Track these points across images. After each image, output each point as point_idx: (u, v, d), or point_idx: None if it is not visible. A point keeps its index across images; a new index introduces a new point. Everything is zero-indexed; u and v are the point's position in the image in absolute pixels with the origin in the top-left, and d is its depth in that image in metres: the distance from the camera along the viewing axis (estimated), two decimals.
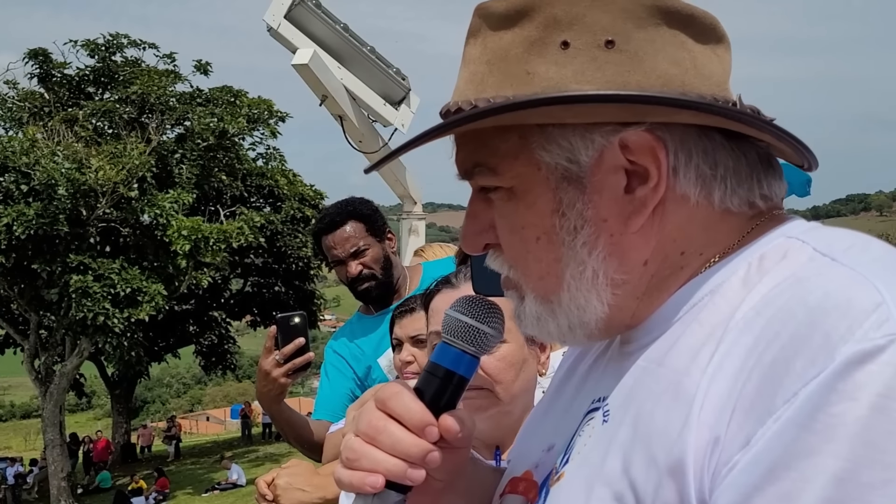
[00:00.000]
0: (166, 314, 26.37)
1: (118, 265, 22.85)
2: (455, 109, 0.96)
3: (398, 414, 0.97)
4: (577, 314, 0.97)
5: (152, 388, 79.83)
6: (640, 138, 0.92)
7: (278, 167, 31.16)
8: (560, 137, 0.94)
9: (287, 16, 7.86)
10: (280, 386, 2.80)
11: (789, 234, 0.93)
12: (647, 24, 0.92)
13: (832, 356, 0.75)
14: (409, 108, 8.51)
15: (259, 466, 26.76)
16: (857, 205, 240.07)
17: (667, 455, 0.84)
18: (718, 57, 0.97)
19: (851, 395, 0.73)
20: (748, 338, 0.83)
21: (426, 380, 1.02)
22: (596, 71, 0.91)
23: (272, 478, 2.24)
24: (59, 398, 25.70)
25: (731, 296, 0.90)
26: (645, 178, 0.93)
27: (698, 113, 0.91)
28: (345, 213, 3.37)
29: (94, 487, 30.05)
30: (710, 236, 0.96)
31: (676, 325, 0.94)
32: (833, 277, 0.82)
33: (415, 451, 0.96)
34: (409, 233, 9.12)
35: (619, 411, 0.95)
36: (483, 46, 0.97)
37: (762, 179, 0.98)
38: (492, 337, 1.04)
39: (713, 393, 0.82)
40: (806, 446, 0.74)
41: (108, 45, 27.31)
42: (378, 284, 3.37)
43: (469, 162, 1.00)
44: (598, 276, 0.95)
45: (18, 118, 25.99)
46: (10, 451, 41.05)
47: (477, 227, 1.03)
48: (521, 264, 0.99)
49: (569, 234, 0.95)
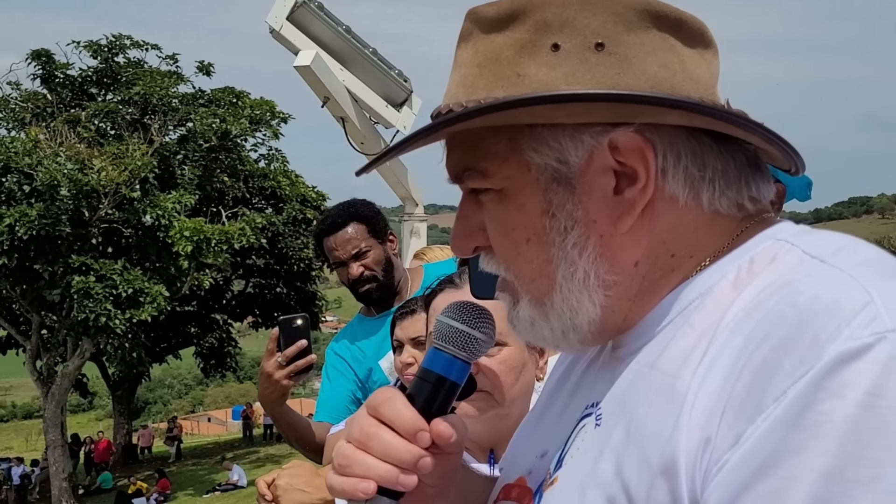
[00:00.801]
0: (168, 315, 26.37)
1: (120, 266, 22.86)
2: (446, 112, 0.96)
3: (390, 420, 0.98)
4: (570, 316, 0.97)
5: (154, 389, 79.85)
6: (629, 139, 0.93)
7: (280, 168, 31.17)
8: (550, 138, 0.94)
9: (289, 17, 7.88)
10: (282, 388, 2.81)
11: (779, 237, 0.94)
12: (636, 27, 0.94)
13: (820, 355, 0.75)
14: (410, 109, 8.52)
15: (260, 468, 26.72)
16: (860, 207, 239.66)
17: (659, 456, 0.84)
18: (706, 61, 0.98)
19: (839, 393, 0.74)
20: (738, 339, 0.83)
21: (418, 385, 1.02)
22: (586, 73, 0.92)
23: (273, 478, 2.25)
24: (60, 399, 25.70)
25: (722, 298, 0.90)
26: (633, 180, 0.94)
27: (687, 113, 0.92)
28: (346, 215, 3.37)
29: (95, 488, 30.03)
30: (700, 238, 0.97)
31: (667, 328, 0.94)
32: (822, 279, 0.82)
33: (406, 456, 0.96)
34: (410, 234, 9.12)
35: (611, 415, 0.95)
36: (474, 50, 0.98)
37: (750, 182, 0.98)
38: (483, 342, 1.04)
39: (704, 394, 0.83)
40: (794, 444, 0.74)
41: (110, 47, 27.33)
42: (379, 286, 3.38)
43: (459, 165, 1.01)
44: (590, 277, 0.95)
45: (21, 119, 26.01)
46: (12, 452, 41.05)
47: (467, 230, 1.03)
48: (513, 266, 1.00)
49: (559, 234, 0.95)
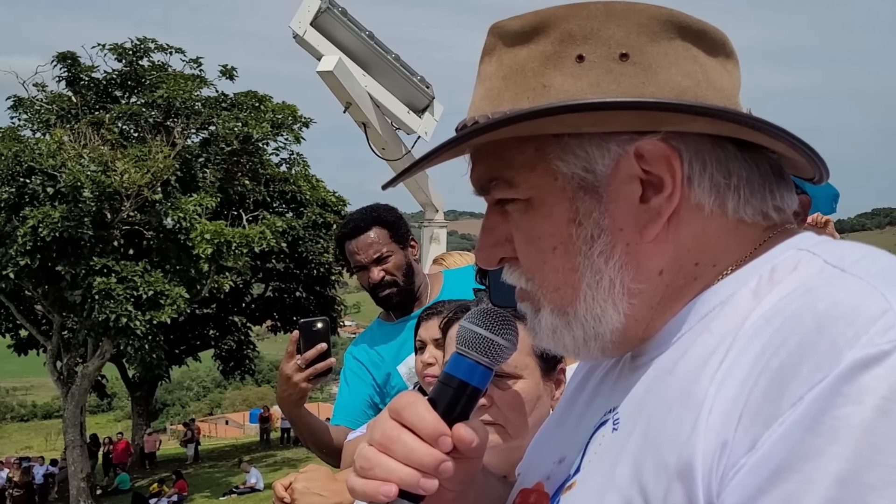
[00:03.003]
0: (187, 317, 26.50)
1: (141, 268, 22.98)
2: (472, 124, 0.97)
3: (412, 423, 0.98)
4: (593, 325, 0.98)
5: (172, 390, 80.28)
6: (656, 147, 0.93)
7: (301, 172, 31.28)
8: (577, 147, 0.95)
9: (313, 23, 7.91)
10: (301, 391, 2.81)
11: (800, 246, 0.94)
12: (660, 38, 0.94)
13: (838, 360, 0.75)
14: (432, 116, 8.54)
15: (277, 471, 26.82)
16: (883, 219, 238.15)
17: (676, 459, 0.85)
18: (728, 72, 0.99)
19: (856, 399, 0.74)
20: (757, 344, 0.84)
21: (439, 390, 1.02)
22: (612, 83, 0.93)
23: (290, 482, 2.25)
24: (80, 399, 25.87)
25: (742, 306, 0.90)
26: (660, 188, 0.94)
27: (713, 120, 0.92)
28: (369, 219, 3.37)
29: (112, 489, 30.20)
30: (724, 247, 0.97)
31: (687, 335, 0.95)
32: (842, 287, 0.82)
33: (428, 460, 0.97)
34: (430, 240, 9.14)
35: (629, 420, 0.96)
36: (499, 63, 0.99)
37: (775, 191, 0.99)
38: (506, 349, 1.05)
39: (721, 398, 0.83)
40: (810, 448, 0.74)
41: (135, 50, 27.53)
42: (399, 291, 3.38)
43: (485, 176, 1.01)
44: (615, 286, 0.96)
45: (46, 120, 26.26)
46: (32, 451, 41.33)
47: (492, 240, 1.04)
48: (538, 275, 1.00)
49: (585, 243, 0.96)
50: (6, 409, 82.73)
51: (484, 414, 1.68)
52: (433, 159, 1.00)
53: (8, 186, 22.48)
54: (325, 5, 7.91)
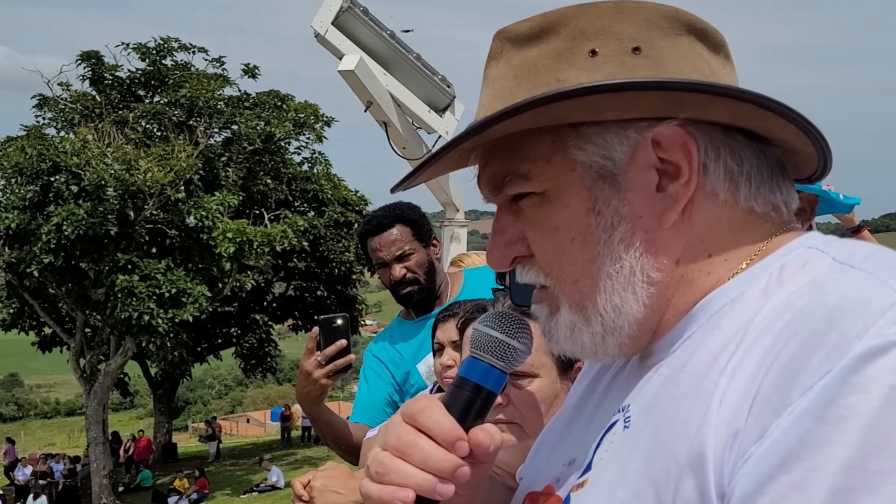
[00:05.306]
0: (209, 316, 26.65)
1: (164, 266, 23.15)
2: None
3: (428, 428, 0.97)
4: (613, 317, 0.98)
5: (194, 388, 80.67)
6: (674, 133, 0.95)
7: (323, 171, 31.39)
8: (595, 135, 0.96)
9: (335, 22, 7.94)
10: (321, 387, 2.82)
11: (808, 245, 0.95)
12: (668, 33, 0.97)
13: (847, 351, 0.77)
14: (453, 115, 8.55)
15: (297, 469, 26.90)
16: None
17: (687, 451, 0.85)
18: (727, 72, 1.01)
19: (864, 388, 0.75)
20: (767, 338, 0.84)
21: (454, 394, 1.01)
22: (626, 74, 0.94)
23: (308, 480, 2.25)
24: (102, 396, 26.07)
25: (752, 303, 0.91)
26: (675, 176, 0.96)
27: (732, 102, 0.93)
28: (392, 217, 3.37)
29: (134, 486, 30.42)
30: (735, 240, 0.98)
31: (698, 332, 0.96)
32: (851, 281, 0.84)
33: (445, 465, 0.96)
34: (450, 240, 9.15)
35: (640, 417, 0.96)
36: (507, 65, 1.00)
37: (780, 184, 1.01)
38: (521, 352, 1.04)
39: (732, 390, 0.84)
40: (818, 436, 0.76)
41: (158, 49, 27.74)
42: (421, 289, 3.38)
43: (499, 172, 1.02)
44: (636, 273, 0.96)
45: (70, 119, 26.51)
46: (55, 448, 41.67)
47: (504, 241, 1.04)
48: (556, 268, 1.00)
49: (605, 231, 0.97)
50: (30, 406, 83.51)
51: (500, 413, 1.67)
52: (448, 150, 0.99)
53: (32, 185, 22.69)
54: (346, 4, 7.94)
